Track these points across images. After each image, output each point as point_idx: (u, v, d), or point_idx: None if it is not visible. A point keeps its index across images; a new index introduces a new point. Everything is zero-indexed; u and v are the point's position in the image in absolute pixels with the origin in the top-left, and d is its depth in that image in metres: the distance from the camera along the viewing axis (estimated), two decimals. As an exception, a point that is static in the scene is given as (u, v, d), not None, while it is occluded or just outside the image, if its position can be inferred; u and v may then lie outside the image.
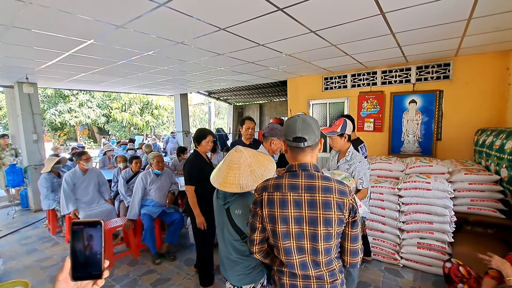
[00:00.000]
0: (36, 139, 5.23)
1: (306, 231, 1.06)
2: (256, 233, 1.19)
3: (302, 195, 1.07)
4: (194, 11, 2.03)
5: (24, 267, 3.21)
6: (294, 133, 1.10)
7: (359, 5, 1.99)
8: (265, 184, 1.16)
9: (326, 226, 1.04)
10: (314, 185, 1.07)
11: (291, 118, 1.16)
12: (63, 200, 3.46)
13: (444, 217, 2.69)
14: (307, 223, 1.06)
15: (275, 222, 1.10)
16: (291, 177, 1.11)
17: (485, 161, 3.15)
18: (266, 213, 1.12)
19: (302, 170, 1.11)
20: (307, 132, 1.09)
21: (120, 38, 2.62)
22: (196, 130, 2.66)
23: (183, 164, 5.17)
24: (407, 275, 2.82)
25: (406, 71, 4.20)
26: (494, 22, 2.42)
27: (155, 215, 3.30)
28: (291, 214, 1.07)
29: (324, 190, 1.06)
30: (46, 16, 2.04)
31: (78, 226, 0.60)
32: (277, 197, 1.09)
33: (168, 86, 6.31)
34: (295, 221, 1.07)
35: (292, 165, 1.14)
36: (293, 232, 1.08)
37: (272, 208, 1.10)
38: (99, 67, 3.96)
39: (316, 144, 1.14)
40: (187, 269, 3.07)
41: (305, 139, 1.09)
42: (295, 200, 1.07)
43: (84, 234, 0.60)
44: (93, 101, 16.19)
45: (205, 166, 2.54)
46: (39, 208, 5.12)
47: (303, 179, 1.09)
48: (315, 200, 1.05)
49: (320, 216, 1.04)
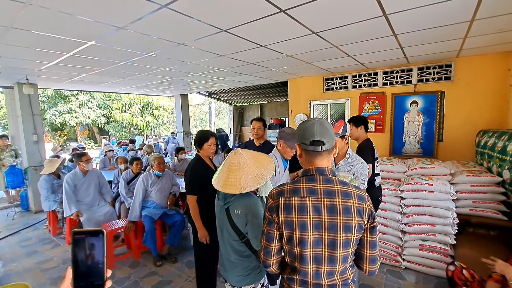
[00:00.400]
0: (36, 140, 5.22)
1: (325, 237, 1.03)
2: (273, 242, 1.11)
3: (322, 200, 1.04)
4: (196, 13, 2.02)
5: (24, 270, 3.20)
6: (312, 137, 1.07)
7: (362, 6, 1.98)
8: (281, 189, 1.11)
9: (346, 232, 1.01)
10: (334, 190, 1.05)
11: (306, 121, 1.13)
12: (65, 202, 3.45)
13: (447, 219, 2.68)
14: (327, 229, 1.02)
15: (293, 228, 1.05)
16: (309, 182, 1.08)
17: (487, 163, 3.14)
18: (283, 219, 1.06)
19: (320, 174, 1.08)
20: (325, 136, 1.07)
21: (121, 39, 2.61)
22: (197, 132, 2.44)
23: (182, 165, 5.24)
24: (409, 277, 2.81)
25: (407, 72, 4.19)
26: (497, 24, 2.41)
27: (156, 216, 3.29)
28: (309, 220, 1.03)
29: (344, 195, 1.04)
30: (46, 17, 2.03)
31: (80, 235, 0.59)
32: (295, 202, 1.05)
33: (168, 86, 6.30)
34: (314, 227, 1.03)
35: (309, 169, 1.11)
36: (311, 239, 1.03)
37: (290, 214, 1.05)
38: (100, 68, 3.95)
39: (332, 148, 1.12)
40: (189, 271, 3.06)
41: (323, 143, 1.07)
42: (315, 205, 1.03)
43: (86, 243, 0.59)
44: (93, 101, 16.17)
45: (208, 173, 2.24)
46: (39, 209, 5.11)
47: (321, 184, 1.06)
48: (335, 205, 1.02)
49: (340, 222, 1.01)
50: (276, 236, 1.10)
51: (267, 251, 1.13)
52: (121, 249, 3.62)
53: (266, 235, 1.13)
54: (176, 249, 3.51)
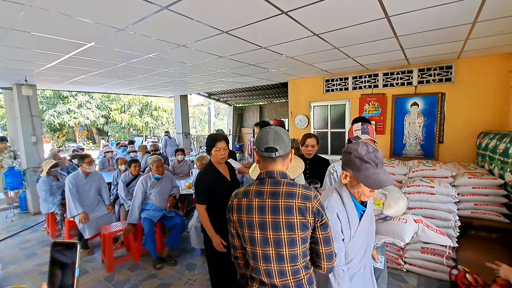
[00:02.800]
0: (35, 141, 5.19)
1: (270, 236, 1.10)
2: (235, 239, 1.24)
3: (266, 201, 1.11)
4: (197, 14, 2.01)
5: (23, 272, 3.17)
6: (266, 144, 1.15)
7: (364, 8, 1.97)
8: (237, 191, 1.22)
9: (289, 231, 1.08)
10: (278, 191, 1.12)
11: (263, 129, 1.20)
12: (70, 203, 3.39)
13: (448, 222, 2.67)
14: (271, 228, 1.10)
15: (243, 227, 1.16)
16: (258, 185, 1.16)
17: (489, 165, 3.13)
18: (235, 218, 1.18)
19: (269, 177, 1.16)
20: (279, 143, 1.14)
21: (121, 41, 2.59)
22: (208, 136, 2.24)
23: (181, 166, 5.21)
24: (410, 280, 2.80)
25: (408, 73, 4.18)
26: (499, 26, 2.40)
27: (155, 219, 3.27)
28: (255, 219, 1.12)
29: (287, 196, 1.10)
30: (46, 18, 2.01)
31: (57, 247, 0.54)
32: (244, 203, 1.15)
33: (168, 87, 6.28)
34: (260, 227, 1.11)
35: (261, 173, 1.19)
36: (258, 238, 1.12)
37: (240, 214, 1.16)
38: (99, 69, 3.93)
39: (287, 154, 1.18)
40: (189, 274, 3.04)
41: (277, 150, 1.14)
42: (260, 206, 1.12)
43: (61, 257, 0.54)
44: (92, 102, 16.12)
45: (215, 180, 2.11)
46: (38, 211, 5.07)
47: (268, 186, 1.14)
48: (278, 205, 1.09)
49: (283, 221, 1.08)
50: (235, 234, 1.23)
51: (233, 245, 1.28)
52: (121, 251, 3.59)
53: (229, 232, 1.26)
54: (176, 251, 3.49)
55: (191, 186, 3.94)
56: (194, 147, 10.96)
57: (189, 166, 5.28)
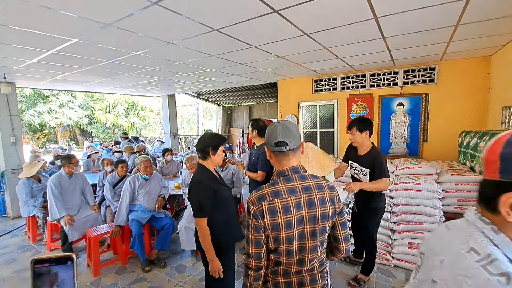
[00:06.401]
0: (15, 141, 4.94)
1: (307, 230, 1.11)
2: (262, 247, 1.11)
3: (301, 196, 1.11)
4: (187, 11, 1.98)
5: (1, 279, 3.00)
6: (275, 139, 1.14)
7: (354, 9, 2.00)
8: (261, 194, 1.11)
9: (323, 221, 1.12)
10: (309, 185, 1.14)
11: (272, 125, 1.20)
12: (53, 205, 3.24)
13: (434, 217, 2.76)
14: (308, 222, 1.11)
15: (279, 229, 1.09)
16: (286, 182, 1.13)
17: (470, 162, 3.27)
18: (269, 223, 1.08)
19: (295, 173, 1.15)
20: (288, 136, 1.13)
21: (107, 37, 2.51)
22: (209, 135, 1.97)
23: (169, 167, 5.11)
24: (399, 275, 2.87)
25: (393, 74, 4.30)
26: (479, 29, 2.52)
27: (144, 220, 3.19)
28: (294, 218, 1.10)
29: (317, 188, 1.14)
30: (26, 11, 1.91)
31: (42, 264, 0.46)
32: (278, 204, 1.09)
33: (155, 87, 6.16)
34: (298, 223, 1.10)
35: (284, 170, 1.16)
36: (296, 234, 1.10)
37: (275, 216, 1.08)
38: (84, 66, 3.80)
39: (298, 147, 1.18)
40: (179, 276, 2.98)
41: (287, 143, 1.13)
42: (296, 203, 1.10)
43: (50, 275, 0.46)
44: (75, 101, 15.58)
45: (218, 187, 1.88)
46: (17, 214, 4.83)
47: (298, 182, 1.14)
48: (313, 199, 1.12)
49: (318, 213, 1.11)
50: (264, 240, 1.11)
51: (258, 256, 1.12)
52: (107, 255, 3.47)
53: (255, 242, 1.11)
54: (165, 253, 3.41)
55: (180, 187, 3.87)
56: (182, 148, 10.79)
57: (177, 167, 5.20)
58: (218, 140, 1.89)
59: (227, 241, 1.89)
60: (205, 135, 1.97)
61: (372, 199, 2.48)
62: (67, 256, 0.47)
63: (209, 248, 1.78)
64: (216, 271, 1.80)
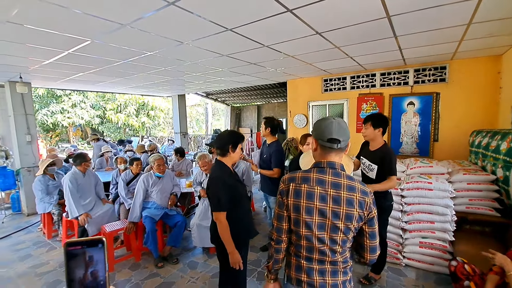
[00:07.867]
0: (30, 140, 5.09)
1: (329, 223, 1.15)
2: (284, 222, 1.24)
3: (328, 190, 1.16)
4: (202, 11, 2.02)
5: (17, 275, 3.06)
6: (330, 135, 1.17)
7: (367, 7, 2.02)
8: (293, 176, 1.23)
9: (347, 221, 1.14)
10: (340, 183, 1.16)
11: (326, 119, 1.22)
12: (71, 204, 3.34)
13: (445, 217, 2.75)
14: (330, 216, 1.15)
15: (300, 212, 1.18)
16: (319, 173, 1.19)
17: (482, 162, 3.23)
18: (292, 203, 1.19)
19: (330, 168, 1.19)
20: (342, 135, 1.17)
21: (121, 37, 2.57)
22: (228, 132, 2.01)
23: (181, 164, 5.18)
24: (409, 274, 2.86)
25: (404, 73, 4.28)
26: (490, 28, 2.50)
27: (157, 217, 3.25)
28: (315, 207, 1.15)
29: (348, 189, 1.16)
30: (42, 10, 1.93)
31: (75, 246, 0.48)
32: (304, 189, 1.18)
33: (166, 86, 6.25)
34: (319, 213, 1.16)
35: (321, 162, 1.22)
36: (315, 223, 1.16)
37: (298, 199, 1.18)
38: (98, 67, 3.90)
39: (346, 146, 1.22)
40: (191, 272, 3.04)
41: (339, 141, 1.16)
42: (321, 194, 1.16)
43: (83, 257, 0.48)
44: (87, 101, 15.85)
45: (236, 183, 1.94)
46: (32, 211, 4.98)
47: (330, 176, 1.18)
48: (340, 196, 1.15)
49: (343, 211, 1.14)
50: (285, 217, 1.23)
51: (279, 229, 1.26)
52: (121, 251, 3.55)
53: (277, 216, 1.26)
54: (178, 250, 3.48)
55: (191, 185, 3.94)
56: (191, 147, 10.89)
57: (187, 166, 5.27)
58: (238, 137, 1.95)
59: (242, 237, 1.93)
60: (224, 132, 2.02)
61: (378, 198, 2.49)
62: (98, 239, 0.49)
63: (229, 241, 1.81)
64: (237, 263, 1.84)
